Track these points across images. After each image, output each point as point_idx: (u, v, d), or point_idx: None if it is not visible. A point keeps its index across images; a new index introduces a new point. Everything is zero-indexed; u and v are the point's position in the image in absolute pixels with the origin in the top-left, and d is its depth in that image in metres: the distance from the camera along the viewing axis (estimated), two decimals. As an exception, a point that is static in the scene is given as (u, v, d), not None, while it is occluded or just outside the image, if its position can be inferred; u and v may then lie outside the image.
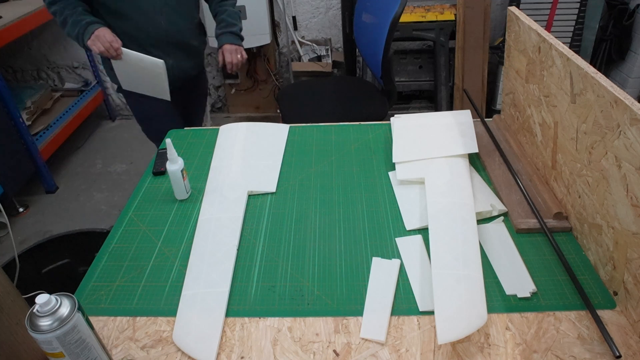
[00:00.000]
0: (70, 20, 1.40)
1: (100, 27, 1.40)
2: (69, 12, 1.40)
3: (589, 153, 0.80)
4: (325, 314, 0.76)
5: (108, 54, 1.41)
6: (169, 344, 0.73)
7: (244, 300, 0.80)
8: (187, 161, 1.15)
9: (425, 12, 2.53)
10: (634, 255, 0.70)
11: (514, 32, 1.09)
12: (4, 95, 2.12)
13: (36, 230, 2.19)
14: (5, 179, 2.11)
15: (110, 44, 1.38)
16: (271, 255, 0.89)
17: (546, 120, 0.96)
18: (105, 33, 1.39)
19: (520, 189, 0.98)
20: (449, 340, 0.67)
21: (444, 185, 0.99)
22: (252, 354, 0.71)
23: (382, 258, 0.86)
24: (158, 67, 1.46)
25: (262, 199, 1.04)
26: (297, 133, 1.28)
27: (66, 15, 1.40)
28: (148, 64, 1.46)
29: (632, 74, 2.54)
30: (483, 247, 0.87)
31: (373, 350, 0.70)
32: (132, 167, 2.64)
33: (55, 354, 0.60)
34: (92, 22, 1.41)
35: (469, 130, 1.14)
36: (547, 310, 0.75)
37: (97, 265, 0.89)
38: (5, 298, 0.66)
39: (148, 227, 0.97)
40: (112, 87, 3.10)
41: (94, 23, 1.41)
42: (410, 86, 2.71)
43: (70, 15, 1.40)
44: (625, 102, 0.68)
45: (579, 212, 0.86)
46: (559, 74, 0.88)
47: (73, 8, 1.41)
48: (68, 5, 1.41)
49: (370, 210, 0.98)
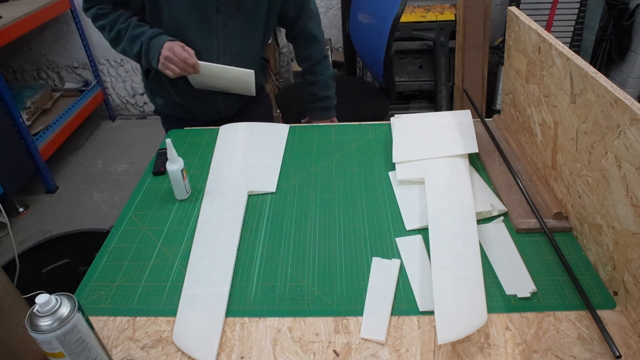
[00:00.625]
0: (126, 35, 1.18)
1: (167, 42, 1.15)
2: (123, 25, 1.18)
3: (589, 153, 0.80)
4: (325, 314, 0.76)
5: (186, 74, 1.20)
6: (169, 344, 0.73)
7: (244, 300, 0.80)
8: (187, 161, 1.15)
9: (425, 12, 2.53)
10: (634, 255, 0.70)
11: (514, 32, 1.09)
12: (4, 95, 2.12)
13: (36, 230, 2.19)
14: (5, 179, 2.11)
15: (184, 62, 1.15)
16: (271, 255, 0.89)
17: (546, 120, 0.96)
18: (174, 49, 1.14)
19: (520, 189, 0.98)
20: (449, 340, 0.67)
21: (444, 185, 0.99)
22: (252, 354, 0.71)
23: (382, 258, 0.86)
24: (248, 76, 1.26)
25: (262, 199, 1.04)
26: (297, 133, 1.28)
27: (119, 30, 1.18)
28: (234, 73, 1.26)
29: (632, 74, 2.54)
30: (483, 247, 0.87)
31: (373, 350, 0.70)
32: (132, 167, 2.64)
33: (55, 354, 0.60)
34: (154, 35, 1.17)
35: (469, 130, 1.14)
36: (547, 310, 0.75)
37: (97, 265, 0.89)
38: (5, 298, 0.66)
39: (148, 227, 0.97)
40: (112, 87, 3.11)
41: (157, 35, 1.16)
42: (410, 86, 2.71)
43: (124, 30, 1.18)
44: (625, 102, 0.68)
45: (579, 212, 0.86)
46: (559, 74, 0.88)
47: (126, 20, 1.19)
48: (120, 17, 1.19)
49: (370, 210, 0.98)
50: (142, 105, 3.19)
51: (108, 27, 1.20)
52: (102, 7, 1.20)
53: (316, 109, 1.49)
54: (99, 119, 3.16)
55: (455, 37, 2.49)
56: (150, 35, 1.17)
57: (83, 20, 2.81)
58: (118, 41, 1.21)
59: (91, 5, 1.21)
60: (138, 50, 1.18)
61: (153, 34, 1.17)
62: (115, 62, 3.02)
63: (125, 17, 1.19)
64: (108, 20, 1.19)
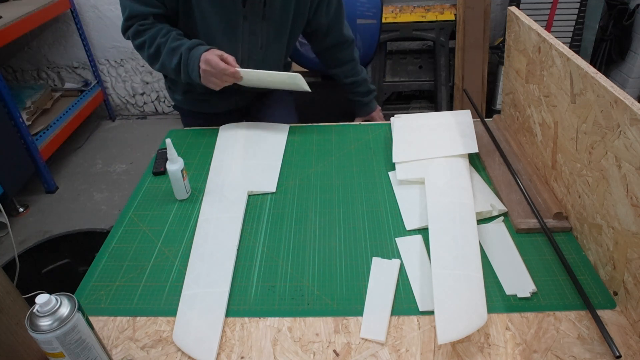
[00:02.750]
0: (165, 48, 1.15)
1: (204, 52, 1.11)
2: (162, 39, 1.15)
3: (589, 153, 0.80)
4: (325, 314, 0.76)
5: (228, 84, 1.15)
6: (169, 344, 0.73)
7: (244, 300, 0.80)
8: (187, 161, 1.15)
9: (425, 12, 2.53)
10: (634, 255, 0.70)
11: (514, 32, 1.09)
12: (4, 95, 2.12)
13: (36, 230, 2.19)
14: (5, 179, 2.11)
15: (223, 72, 1.10)
16: (271, 255, 0.89)
17: (546, 120, 0.96)
18: (210, 62, 1.09)
19: (520, 189, 0.98)
20: (449, 340, 0.67)
21: (444, 185, 0.99)
22: (252, 354, 0.71)
23: (382, 258, 0.86)
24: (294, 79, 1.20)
25: (262, 199, 1.04)
26: (297, 133, 1.28)
27: (159, 44, 1.16)
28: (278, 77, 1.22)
29: (632, 74, 2.54)
30: (483, 247, 0.87)
31: (373, 350, 0.70)
32: (132, 167, 2.64)
33: (55, 354, 0.60)
34: (193, 46, 1.13)
35: (469, 130, 1.14)
36: (547, 310, 0.75)
37: (97, 265, 0.89)
38: (5, 298, 0.66)
39: (148, 227, 0.97)
40: (112, 87, 3.11)
41: (196, 46, 1.13)
42: (410, 86, 2.71)
43: (164, 44, 1.15)
44: (625, 102, 0.68)
45: (579, 212, 0.86)
46: (559, 74, 0.88)
47: (166, 34, 1.16)
48: (159, 31, 1.16)
49: (370, 210, 0.98)
50: (142, 105, 3.19)
51: (148, 43, 1.17)
52: (143, 22, 1.18)
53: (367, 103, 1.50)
54: (99, 119, 3.16)
55: (455, 37, 2.49)
56: (189, 46, 1.14)
57: (83, 20, 2.82)
58: (157, 56, 1.18)
59: (132, 23, 1.18)
60: (177, 62, 1.15)
61: (192, 45, 1.14)
62: (115, 62, 3.02)
63: (165, 31, 1.17)
64: (148, 35, 1.17)
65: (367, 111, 1.52)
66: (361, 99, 1.50)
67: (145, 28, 1.17)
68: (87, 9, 2.80)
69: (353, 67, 1.45)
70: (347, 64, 1.44)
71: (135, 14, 1.16)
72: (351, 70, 1.45)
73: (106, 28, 2.87)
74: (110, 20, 2.83)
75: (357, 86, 1.48)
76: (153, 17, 1.17)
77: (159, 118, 3.19)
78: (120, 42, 2.92)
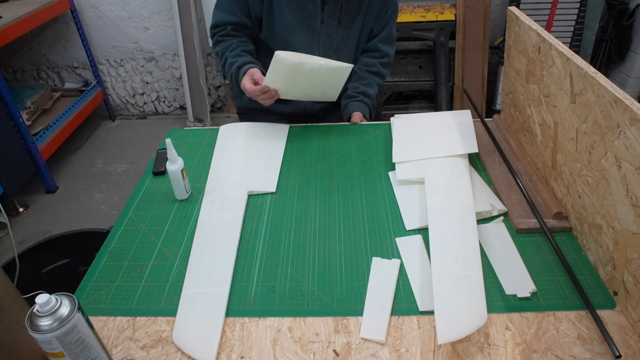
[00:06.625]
0: (227, 63, 1.25)
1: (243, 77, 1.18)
2: (230, 53, 1.25)
3: (589, 153, 0.80)
4: (325, 314, 0.76)
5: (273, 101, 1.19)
6: (169, 344, 0.73)
7: (244, 300, 0.80)
8: (187, 161, 1.15)
9: (425, 12, 2.53)
10: (634, 255, 0.70)
11: (514, 32, 1.09)
12: (4, 95, 2.12)
13: (36, 230, 2.19)
14: (5, 179, 2.11)
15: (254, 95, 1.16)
16: (271, 255, 0.89)
17: (546, 120, 0.96)
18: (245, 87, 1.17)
19: (520, 189, 0.98)
20: (449, 340, 0.67)
21: (444, 185, 0.99)
22: (252, 353, 0.71)
23: (382, 258, 0.86)
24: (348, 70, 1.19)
25: (262, 199, 1.04)
26: (297, 133, 1.28)
27: (226, 57, 1.25)
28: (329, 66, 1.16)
29: (632, 74, 2.54)
30: (483, 247, 0.87)
31: (373, 350, 0.70)
32: (132, 167, 2.64)
33: (55, 354, 0.60)
34: (242, 65, 1.21)
35: (469, 130, 1.14)
36: (547, 310, 0.75)
37: (97, 265, 0.89)
38: (5, 298, 0.66)
39: (148, 227, 0.97)
40: (112, 87, 3.11)
41: (244, 65, 1.21)
42: (410, 86, 2.71)
43: (229, 57, 1.25)
44: (625, 102, 0.68)
45: (578, 212, 0.86)
46: (559, 74, 0.88)
47: (234, 49, 1.25)
48: (230, 45, 1.25)
49: (370, 210, 0.98)
50: (142, 105, 3.19)
51: (220, 54, 1.28)
52: (221, 32, 1.28)
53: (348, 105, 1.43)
54: (99, 119, 3.16)
55: (455, 37, 2.49)
56: (239, 65, 1.22)
57: (83, 20, 2.82)
58: (224, 68, 1.27)
59: (214, 32, 1.29)
60: (229, 78, 1.26)
61: (241, 64, 1.21)
62: (115, 62, 3.02)
63: (234, 46, 1.25)
64: (221, 47, 1.27)
65: (349, 110, 1.40)
66: (346, 102, 1.40)
67: (221, 40, 1.28)
68: (87, 9, 2.80)
69: (375, 58, 1.37)
70: (364, 67, 1.38)
71: (217, 23, 1.28)
72: (371, 59, 1.37)
73: (106, 28, 2.87)
74: (110, 20, 2.83)
75: (355, 89, 1.39)
76: (232, 26, 1.27)
77: (159, 118, 3.19)
78: (120, 42, 2.92)
